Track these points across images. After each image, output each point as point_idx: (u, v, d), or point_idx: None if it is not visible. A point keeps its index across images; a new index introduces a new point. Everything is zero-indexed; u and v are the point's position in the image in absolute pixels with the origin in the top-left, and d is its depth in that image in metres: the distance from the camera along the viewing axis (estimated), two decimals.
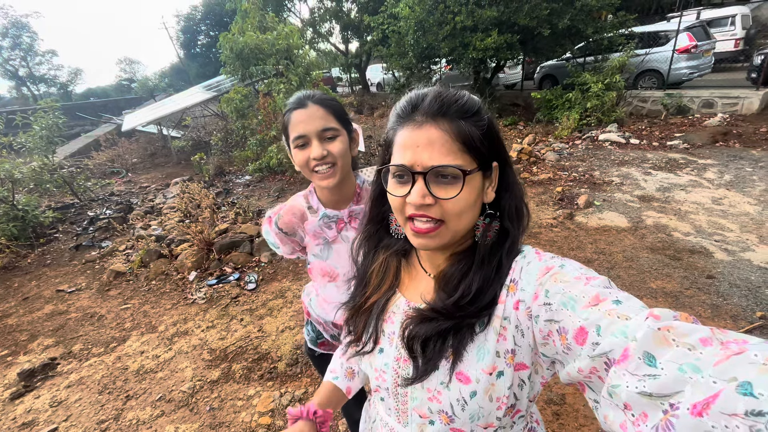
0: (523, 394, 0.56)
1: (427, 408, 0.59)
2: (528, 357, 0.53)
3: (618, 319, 0.38)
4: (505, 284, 0.55)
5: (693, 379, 0.30)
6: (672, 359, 0.32)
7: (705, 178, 4.59)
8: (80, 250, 4.64)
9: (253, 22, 7.14)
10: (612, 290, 0.43)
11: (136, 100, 24.73)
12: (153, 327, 3.00)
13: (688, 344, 0.32)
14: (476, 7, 7.55)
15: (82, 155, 10.54)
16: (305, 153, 0.91)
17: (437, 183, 0.52)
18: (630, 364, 0.34)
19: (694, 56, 7.62)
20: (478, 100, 0.55)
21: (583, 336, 0.40)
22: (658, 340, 0.33)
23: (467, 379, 0.55)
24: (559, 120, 7.46)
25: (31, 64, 28.59)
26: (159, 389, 2.34)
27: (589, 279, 0.45)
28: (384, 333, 0.66)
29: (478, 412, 0.55)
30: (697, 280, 2.80)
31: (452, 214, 0.53)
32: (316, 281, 1.13)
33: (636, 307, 0.39)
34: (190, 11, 26.74)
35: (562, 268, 0.49)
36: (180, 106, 10.00)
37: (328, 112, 0.92)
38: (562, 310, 0.44)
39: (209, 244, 3.88)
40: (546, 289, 0.48)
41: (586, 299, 0.42)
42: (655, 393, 0.32)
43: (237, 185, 6.79)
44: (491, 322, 0.55)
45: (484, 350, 0.54)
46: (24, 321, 3.31)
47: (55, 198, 6.53)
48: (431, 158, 0.51)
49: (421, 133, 0.52)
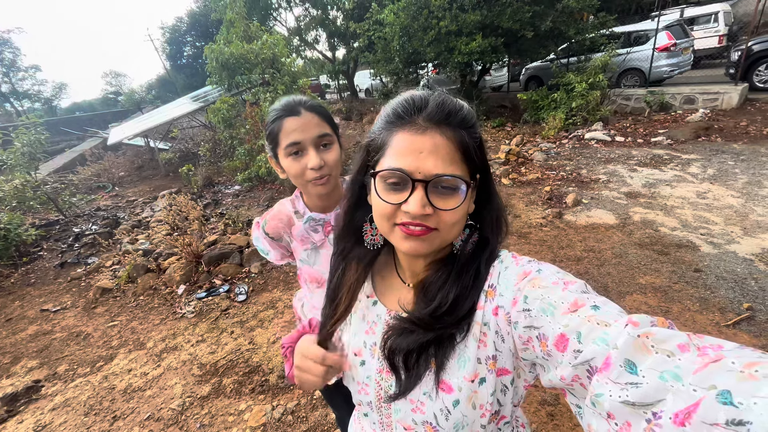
0: (507, 399, 0.55)
1: (411, 419, 0.58)
2: (509, 362, 0.53)
3: (597, 325, 0.38)
4: (483, 290, 0.54)
5: (674, 387, 0.30)
6: (652, 366, 0.32)
7: (689, 172, 4.66)
8: (65, 267, 4.54)
9: (238, 32, 7.12)
10: (590, 295, 0.43)
11: (123, 113, 24.46)
12: (141, 344, 2.93)
13: (666, 351, 0.32)
14: (460, 11, 7.65)
15: (67, 170, 10.37)
16: (300, 162, 0.89)
17: (437, 193, 0.50)
18: (612, 372, 0.34)
19: (674, 54, 7.79)
20: (474, 112, 0.55)
21: (563, 343, 0.40)
22: (638, 347, 0.33)
23: (449, 388, 0.54)
24: (546, 120, 7.55)
25: (13, 79, 28.21)
26: (147, 408, 2.28)
27: (567, 284, 0.45)
28: (366, 344, 0.64)
29: (462, 421, 0.54)
30: (684, 273, 2.83)
31: (447, 225, 0.51)
32: (304, 288, 1.11)
33: (614, 313, 0.39)
34: (175, 23, 26.67)
35: (539, 273, 0.49)
36: (167, 118, 9.92)
37: (322, 119, 0.91)
38: (541, 316, 0.44)
39: (198, 256, 3.82)
40: (525, 295, 0.47)
41: (565, 305, 0.42)
42: (637, 402, 0.32)
43: (226, 195, 6.73)
44: (471, 329, 0.54)
45: (465, 358, 0.54)
46: (7, 343, 3.22)
47: (39, 215, 6.39)
48: (436, 166, 0.49)
49: (425, 139, 0.49)
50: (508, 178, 5.28)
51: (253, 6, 13.32)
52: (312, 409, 2.11)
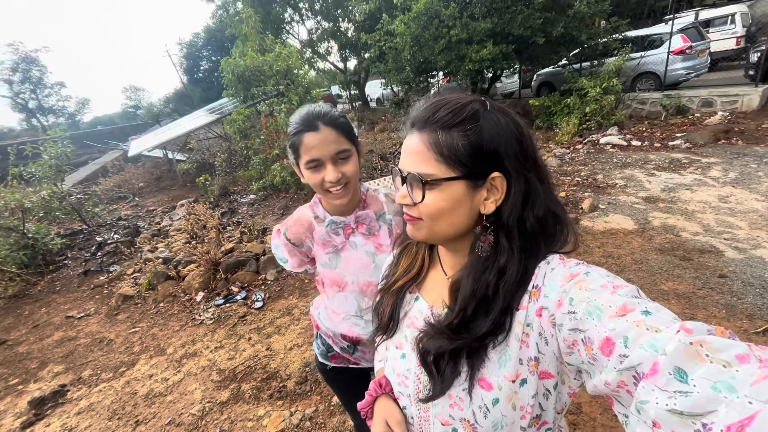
0: (549, 404, 0.54)
1: (449, 415, 0.58)
2: (553, 366, 0.52)
3: (647, 330, 0.37)
4: (527, 290, 0.54)
5: (728, 398, 0.29)
6: (705, 376, 0.31)
7: (710, 176, 4.55)
8: (89, 275, 4.68)
9: (253, 45, 7.33)
10: (641, 300, 0.42)
11: (142, 126, 25.25)
12: (161, 350, 2.99)
13: (723, 361, 0.31)
14: (470, 20, 7.71)
15: (90, 182, 10.74)
16: (319, 175, 0.92)
17: (416, 187, 0.56)
18: (660, 380, 0.33)
19: (690, 57, 7.66)
20: (474, 108, 0.53)
21: (609, 347, 0.39)
22: (690, 355, 0.32)
23: (489, 386, 0.54)
24: (559, 126, 7.49)
25: (40, 96, 29.49)
26: (168, 413, 2.32)
27: (617, 287, 0.44)
28: (407, 338, 0.66)
29: (501, 421, 0.54)
30: (709, 279, 2.75)
31: (426, 216, 0.57)
32: (324, 292, 1.13)
33: (667, 319, 0.38)
34: (192, 38, 27.55)
35: (587, 276, 0.48)
36: (184, 130, 10.20)
37: (340, 133, 0.91)
38: (587, 319, 0.43)
39: (215, 264, 3.89)
40: (570, 297, 0.46)
41: (613, 309, 0.41)
42: (686, 411, 0.31)
43: (242, 204, 6.85)
44: (512, 329, 0.54)
45: (506, 357, 0.54)
46: (34, 348, 3.32)
47: (64, 225, 6.63)
48: (408, 164, 0.57)
49: (407, 141, 0.58)
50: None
51: (267, 20, 13.69)
52: (330, 415, 2.12)
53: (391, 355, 0.68)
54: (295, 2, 14.65)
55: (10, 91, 27.50)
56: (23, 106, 28.80)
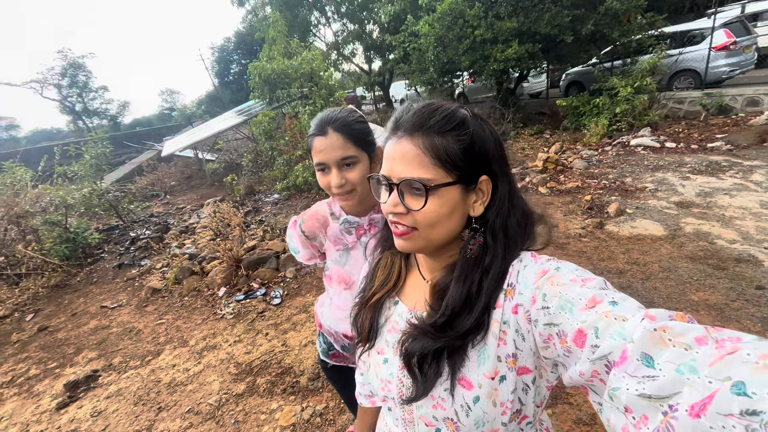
0: (529, 398, 0.55)
1: (432, 416, 0.59)
2: (531, 361, 0.53)
3: (615, 320, 0.38)
4: (502, 288, 0.55)
5: (690, 379, 0.30)
6: (669, 360, 0.32)
7: (752, 180, 4.26)
8: (122, 268, 4.96)
9: (279, 49, 7.53)
10: (608, 291, 0.43)
11: (176, 127, 26.49)
12: (184, 341, 3.13)
13: (684, 344, 0.33)
14: (495, 19, 7.58)
15: (126, 180, 11.37)
16: (326, 178, 0.95)
17: (410, 194, 0.55)
18: (629, 366, 0.34)
19: (734, 53, 7.19)
20: (464, 113, 0.55)
21: (582, 338, 0.40)
22: (655, 341, 0.34)
23: (470, 385, 0.55)
24: (587, 127, 7.23)
25: (86, 99, 31.44)
26: (188, 401, 2.43)
27: (585, 281, 0.45)
28: (388, 343, 0.67)
29: (483, 418, 0.54)
30: (744, 291, 2.57)
31: (423, 224, 0.55)
32: (332, 288, 1.15)
33: (632, 308, 0.39)
34: (223, 43, 28.63)
35: (557, 271, 0.49)
36: (214, 131, 10.62)
37: (347, 139, 0.92)
38: (560, 313, 0.44)
39: (238, 260, 4.03)
40: (543, 293, 0.48)
41: (583, 301, 0.42)
42: (654, 395, 0.32)
43: (266, 204, 7.05)
44: (490, 328, 0.55)
45: (485, 355, 0.54)
46: (72, 335, 3.56)
47: (102, 220, 7.06)
48: (403, 170, 0.54)
49: (397, 147, 0.55)
50: (545, 187, 5.10)
51: (294, 23, 14.02)
52: (340, 412, 2.15)
53: (373, 360, 0.69)
54: (321, 5, 14.92)
55: (59, 95, 29.53)
56: (70, 108, 30.82)
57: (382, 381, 0.66)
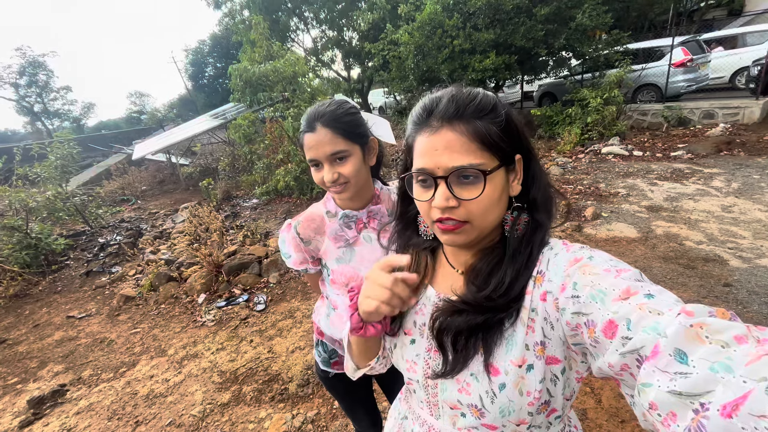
0: (557, 390, 0.54)
1: (457, 400, 0.58)
2: (560, 350, 0.52)
3: (649, 314, 0.37)
4: (531, 275, 0.54)
5: (724, 378, 0.29)
6: (704, 357, 0.31)
7: (712, 186, 4.57)
8: (91, 276, 4.67)
9: (261, 52, 7.44)
10: (644, 283, 0.42)
11: (146, 130, 25.42)
12: (162, 351, 2.97)
13: (721, 341, 0.32)
14: (473, 30, 7.82)
15: (93, 184, 10.76)
16: (319, 173, 0.95)
17: (460, 184, 0.53)
18: (660, 361, 0.33)
19: (691, 69, 7.75)
20: (494, 96, 0.55)
21: (612, 330, 0.39)
22: (690, 337, 0.33)
23: (496, 371, 0.54)
24: (561, 135, 7.54)
25: (46, 100, 29.73)
26: (169, 414, 2.30)
27: (620, 271, 0.44)
28: (415, 324, 0.66)
29: (509, 406, 0.54)
30: (713, 288, 2.74)
31: (477, 215, 0.53)
32: (335, 291, 1.11)
33: (669, 302, 0.38)
34: (198, 45, 27.92)
35: (590, 260, 0.48)
36: (188, 134, 10.28)
37: (336, 134, 0.91)
38: (590, 303, 0.43)
39: (218, 266, 3.89)
40: (574, 281, 0.47)
41: (617, 292, 0.41)
42: (684, 392, 0.31)
43: (244, 208, 6.87)
44: (519, 314, 0.54)
45: (513, 342, 0.54)
46: (34, 348, 3.31)
47: (67, 226, 6.64)
48: (451, 160, 0.52)
49: (438, 138, 0.53)
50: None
51: (274, 29, 13.89)
52: (332, 418, 2.10)
53: (399, 341, 0.68)
54: (300, 11, 14.88)
55: (16, 95, 27.76)
56: (28, 109, 29.04)
57: (408, 362, 0.65)
